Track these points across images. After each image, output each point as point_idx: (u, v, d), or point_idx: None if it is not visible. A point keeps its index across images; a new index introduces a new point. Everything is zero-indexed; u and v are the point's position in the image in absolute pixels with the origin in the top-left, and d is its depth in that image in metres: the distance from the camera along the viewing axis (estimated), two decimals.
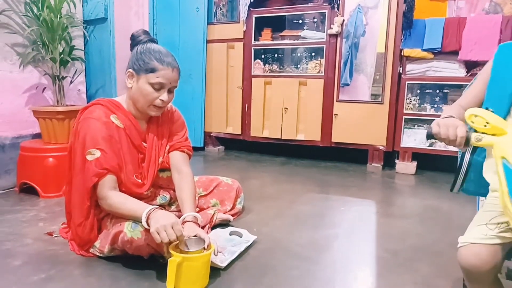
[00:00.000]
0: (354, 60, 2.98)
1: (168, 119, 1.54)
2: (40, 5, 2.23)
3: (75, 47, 2.46)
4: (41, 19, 2.21)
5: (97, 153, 1.29)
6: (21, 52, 2.31)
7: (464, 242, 0.86)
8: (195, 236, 1.23)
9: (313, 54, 3.29)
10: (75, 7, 2.46)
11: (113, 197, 1.29)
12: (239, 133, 3.51)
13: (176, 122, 1.57)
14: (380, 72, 2.98)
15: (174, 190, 1.55)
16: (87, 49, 2.77)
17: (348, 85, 3.01)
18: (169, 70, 1.32)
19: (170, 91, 1.37)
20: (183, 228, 1.25)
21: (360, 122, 3.03)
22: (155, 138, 1.48)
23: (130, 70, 1.35)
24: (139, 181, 1.42)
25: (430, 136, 0.92)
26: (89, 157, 1.30)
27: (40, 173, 2.14)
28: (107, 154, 1.30)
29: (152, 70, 1.31)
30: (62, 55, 2.33)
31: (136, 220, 1.22)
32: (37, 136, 2.42)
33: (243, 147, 3.69)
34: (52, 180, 2.15)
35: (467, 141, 0.85)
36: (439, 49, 2.82)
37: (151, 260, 1.32)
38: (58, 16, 2.26)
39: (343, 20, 3.00)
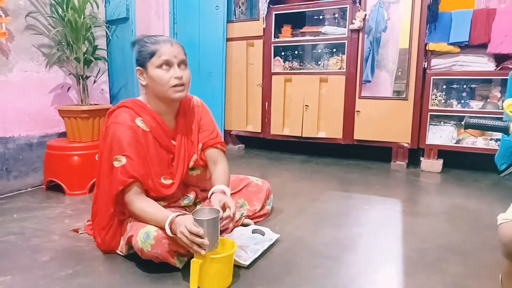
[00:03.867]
0: (376, 56, 2.91)
1: (196, 113, 1.52)
2: (64, 6, 2.28)
3: (98, 47, 2.51)
4: (65, 20, 2.25)
5: (123, 160, 1.29)
6: (47, 52, 2.37)
7: (505, 218, 0.88)
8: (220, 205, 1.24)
9: (334, 50, 3.23)
10: (97, 8, 2.51)
11: (137, 203, 1.29)
12: (259, 131, 3.50)
13: (205, 117, 1.55)
14: (402, 68, 2.90)
15: (201, 189, 1.55)
16: (110, 49, 2.81)
17: (369, 81, 2.95)
18: (167, 45, 1.30)
19: (181, 67, 1.33)
20: (210, 199, 1.32)
21: (383, 119, 2.95)
22: (184, 136, 1.46)
23: (137, 67, 1.36)
24: (168, 182, 1.41)
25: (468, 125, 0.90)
26: (116, 164, 1.30)
27: (66, 171, 2.20)
28: (133, 161, 1.29)
29: (152, 54, 1.29)
30: (85, 55, 2.37)
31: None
32: (63, 135, 2.48)
33: (263, 145, 3.67)
34: (77, 178, 2.20)
35: (506, 130, 0.83)
36: (466, 43, 2.71)
37: None
38: (82, 17, 2.30)
39: (365, 15, 2.93)
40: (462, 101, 2.85)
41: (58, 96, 2.47)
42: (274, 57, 3.40)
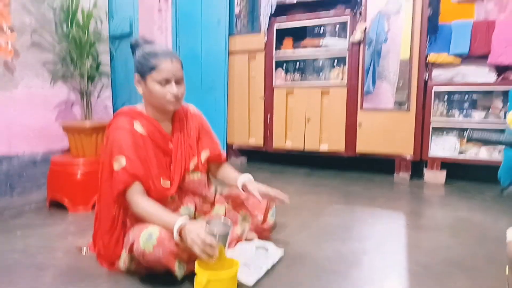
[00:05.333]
0: (377, 67, 2.93)
1: (194, 121, 1.57)
2: (69, 23, 2.32)
3: (101, 63, 2.54)
4: (70, 37, 2.29)
5: (123, 161, 1.31)
6: (51, 69, 2.40)
7: None
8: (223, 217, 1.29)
9: (335, 62, 3.25)
10: (101, 24, 2.55)
11: (141, 203, 1.30)
12: (262, 144, 3.51)
13: (203, 128, 1.60)
14: (403, 79, 2.91)
15: (202, 198, 1.56)
16: (113, 64, 2.85)
17: (371, 93, 2.96)
18: (167, 62, 1.34)
19: (178, 84, 1.38)
20: (247, 188, 1.54)
21: (385, 131, 2.96)
22: (181, 140, 1.50)
23: (136, 74, 1.40)
24: (167, 183, 1.43)
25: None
26: (116, 165, 1.32)
27: (69, 188, 2.20)
28: (133, 161, 1.32)
29: (153, 68, 1.33)
30: (89, 71, 2.40)
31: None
32: (67, 151, 2.49)
33: (265, 158, 3.67)
34: (80, 194, 2.20)
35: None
36: (467, 54, 2.73)
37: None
38: (86, 33, 2.34)
39: (365, 27, 2.96)
40: (464, 112, 2.85)
41: (62, 112, 2.50)
42: (276, 69, 3.42)
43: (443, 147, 2.89)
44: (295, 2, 3.27)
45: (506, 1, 2.60)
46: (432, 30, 2.81)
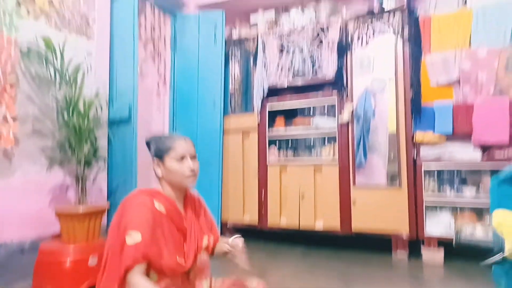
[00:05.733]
0: (367, 141, 3.03)
1: (201, 205, 1.66)
2: (70, 111, 2.42)
3: (99, 147, 2.59)
4: (70, 125, 2.38)
5: (138, 237, 1.31)
6: (49, 155, 2.45)
7: None
8: None
9: (326, 140, 3.37)
10: (101, 110, 2.66)
11: (141, 285, 1.28)
12: (256, 221, 3.47)
13: (207, 215, 1.68)
14: (394, 151, 2.99)
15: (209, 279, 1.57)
16: (110, 147, 2.91)
17: (363, 166, 3.02)
18: (181, 141, 1.51)
19: (193, 159, 1.51)
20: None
21: (379, 208, 2.96)
22: (192, 220, 1.57)
23: (155, 159, 1.53)
24: (181, 260, 1.44)
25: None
26: (129, 240, 1.30)
27: (57, 277, 2.11)
28: (147, 240, 1.32)
29: (170, 148, 1.48)
30: (86, 156, 2.45)
31: None
32: (58, 236, 2.43)
33: (260, 235, 3.60)
34: (68, 283, 2.11)
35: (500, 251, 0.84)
36: (451, 133, 2.86)
37: None
38: (86, 120, 2.43)
39: (353, 109, 3.12)
40: (456, 188, 2.89)
41: (56, 197, 2.49)
42: (269, 147, 3.52)
43: (438, 224, 2.87)
44: (285, 85, 3.47)
45: (481, 86, 2.80)
46: (416, 110, 2.97)
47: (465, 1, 2.98)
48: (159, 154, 1.51)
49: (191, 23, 3.72)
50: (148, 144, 1.61)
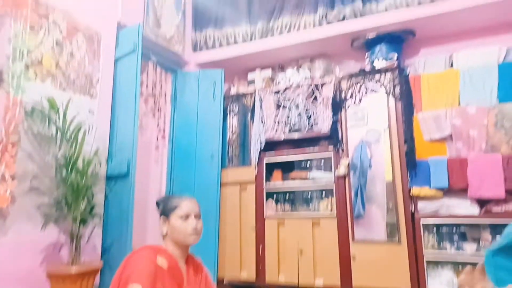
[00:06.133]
0: (364, 191, 3.03)
1: (202, 267, 1.71)
2: (69, 167, 2.44)
3: (95, 205, 2.58)
4: (68, 182, 2.39)
5: None
6: (45, 212, 2.43)
7: None
8: None
9: (323, 193, 3.37)
10: (100, 166, 2.69)
11: None
12: (254, 278, 3.36)
13: (207, 277, 1.71)
14: (392, 200, 2.98)
15: None
16: (106, 202, 2.89)
17: (362, 216, 2.99)
18: (187, 201, 1.63)
19: (197, 218, 1.61)
20: None
21: (380, 264, 2.90)
22: (192, 279, 1.61)
23: (162, 216, 1.62)
24: None
25: None
26: None
27: None
28: None
29: (176, 207, 1.59)
30: (82, 214, 2.43)
31: None
32: None
33: None
34: None
35: None
36: (447, 187, 2.87)
37: None
38: (84, 178, 2.45)
39: (349, 162, 3.16)
40: (456, 244, 2.85)
41: (49, 256, 2.43)
42: (267, 200, 3.50)
43: (440, 281, 2.80)
44: (282, 139, 3.55)
45: (473, 142, 2.86)
46: (411, 165, 3.00)
47: (451, 63, 3.14)
48: (166, 213, 1.61)
49: (192, 80, 3.87)
50: (158, 204, 1.71)
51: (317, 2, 3.56)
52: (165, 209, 1.62)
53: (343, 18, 3.45)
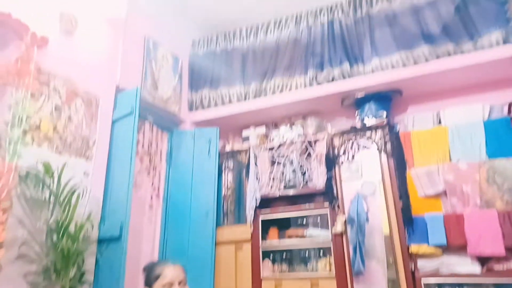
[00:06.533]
0: (363, 247, 2.95)
1: None
2: (61, 232, 2.38)
3: (85, 272, 2.49)
4: (59, 248, 2.32)
5: None
6: (32, 281, 2.33)
7: None
8: None
9: (321, 251, 3.29)
10: (92, 229, 2.63)
11: None
12: None
13: None
14: (392, 254, 2.90)
15: None
16: (97, 267, 2.79)
17: (362, 273, 2.89)
18: (170, 267, 1.61)
19: (180, 285, 1.59)
20: None
21: None
22: None
23: (145, 287, 1.61)
24: None
25: None
26: None
27: None
28: None
29: (158, 275, 1.57)
30: (71, 282, 2.34)
31: None
32: None
33: None
34: None
35: None
36: (446, 245, 2.82)
37: None
38: (75, 243, 2.38)
39: (345, 219, 3.13)
40: None
41: None
42: (263, 260, 3.40)
43: None
44: (277, 196, 3.54)
45: (467, 197, 2.87)
46: (408, 221, 2.97)
47: (439, 120, 3.25)
48: (149, 282, 1.59)
49: (187, 139, 3.93)
50: (144, 271, 1.71)
51: (307, 65, 3.75)
52: (148, 278, 1.61)
53: (332, 79, 3.62)
